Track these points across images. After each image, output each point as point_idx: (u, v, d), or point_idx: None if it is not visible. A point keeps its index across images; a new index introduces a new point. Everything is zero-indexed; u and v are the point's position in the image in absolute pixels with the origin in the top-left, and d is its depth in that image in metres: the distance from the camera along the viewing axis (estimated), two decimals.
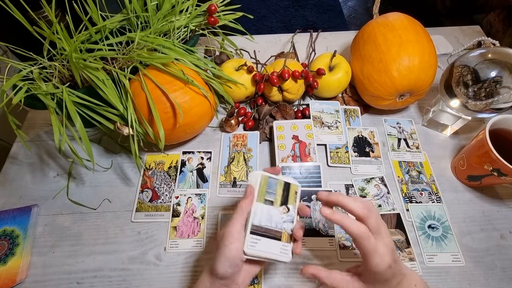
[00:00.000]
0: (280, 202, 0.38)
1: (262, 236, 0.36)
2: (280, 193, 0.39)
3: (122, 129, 0.48)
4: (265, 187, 0.38)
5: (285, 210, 0.38)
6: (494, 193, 0.53)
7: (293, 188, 0.39)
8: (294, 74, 0.57)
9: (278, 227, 0.37)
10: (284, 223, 0.37)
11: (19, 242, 0.49)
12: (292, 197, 0.39)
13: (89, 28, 0.50)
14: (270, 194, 0.38)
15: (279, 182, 0.39)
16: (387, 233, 0.34)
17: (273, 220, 0.37)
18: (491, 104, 0.49)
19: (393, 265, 0.32)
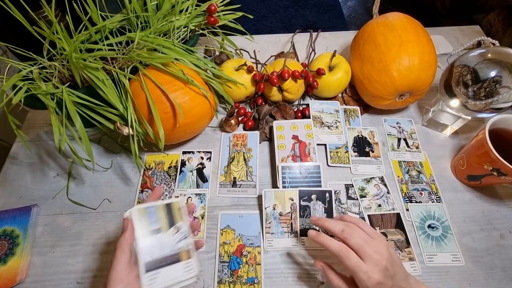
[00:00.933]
0: (167, 225, 0.37)
1: (160, 267, 0.35)
2: (164, 216, 0.38)
3: (122, 129, 0.48)
4: (145, 218, 0.37)
5: (175, 231, 0.37)
6: (494, 193, 0.53)
7: (175, 206, 0.39)
8: (294, 74, 0.57)
9: (174, 250, 0.36)
10: (180, 242, 0.37)
11: (19, 242, 0.49)
12: (177, 215, 0.38)
13: (89, 28, 0.50)
14: (153, 224, 0.37)
15: (159, 208, 0.38)
16: (377, 251, 0.35)
17: (166, 246, 0.36)
18: (491, 104, 0.49)
19: (386, 282, 0.33)
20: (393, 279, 0.34)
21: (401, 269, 0.36)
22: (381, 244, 0.36)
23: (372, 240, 0.36)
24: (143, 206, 0.37)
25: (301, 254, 0.48)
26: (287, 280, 0.46)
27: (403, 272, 0.36)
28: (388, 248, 0.36)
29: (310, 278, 0.46)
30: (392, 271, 0.34)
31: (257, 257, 0.47)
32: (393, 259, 0.35)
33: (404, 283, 0.35)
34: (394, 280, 0.34)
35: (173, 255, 0.36)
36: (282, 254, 0.48)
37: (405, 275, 0.36)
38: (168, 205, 0.38)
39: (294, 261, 0.48)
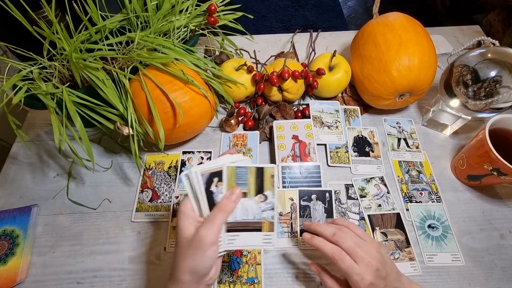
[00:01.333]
0: (255, 192, 0.35)
1: (240, 231, 0.34)
2: (253, 181, 0.35)
3: (122, 129, 0.48)
4: (234, 178, 0.34)
5: (261, 199, 0.35)
6: (494, 193, 0.53)
7: (268, 171, 0.35)
8: (294, 74, 0.57)
9: (257, 218, 0.35)
10: (264, 213, 0.35)
11: (19, 242, 0.49)
12: (268, 182, 0.35)
13: (89, 28, 0.50)
14: (241, 186, 0.34)
15: (250, 170, 0.35)
16: (369, 253, 0.35)
17: (250, 212, 0.35)
18: (491, 103, 0.49)
19: (377, 282, 0.34)
20: (385, 279, 0.35)
21: (393, 269, 0.37)
22: (372, 246, 0.37)
23: (364, 242, 0.37)
24: (234, 164, 0.34)
25: (301, 254, 0.48)
26: (287, 280, 0.46)
27: (395, 273, 0.37)
28: (379, 250, 0.37)
29: (310, 278, 0.46)
30: (383, 272, 0.35)
31: (257, 257, 0.47)
32: (384, 260, 0.36)
33: (396, 283, 0.36)
34: (387, 281, 0.35)
35: (255, 222, 0.35)
36: (282, 254, 0.48)
37: (397, 275, 0.37)
38: (259, 169, 0.35)
39: (294, 261, 0.48)
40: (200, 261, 0.31)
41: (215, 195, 0.34)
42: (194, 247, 0.31)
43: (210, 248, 0.31)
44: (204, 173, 0.34)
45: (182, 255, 0.32)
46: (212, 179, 0.34)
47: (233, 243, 0.34)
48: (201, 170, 0.34)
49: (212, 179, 0.34)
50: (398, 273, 0.37)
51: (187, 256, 0.31)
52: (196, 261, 0.31)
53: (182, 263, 0.32)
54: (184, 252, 0.32)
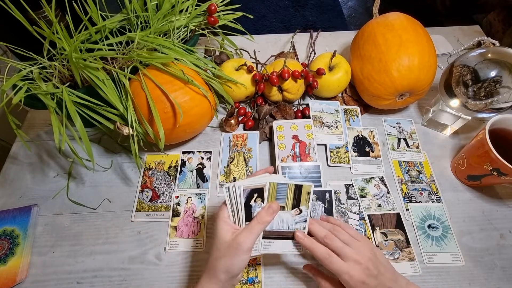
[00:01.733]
0: (292, 206, 0.39)
1: (275, 238, 0.39)
2: (291, 197, 0.39)
3: (122, 129, 0.48)
4: (275, 193, 0.38)
5: (297, 212, 0.39)
6: (494, 193, 0.53)
7: (306, 189, 0.39)
8: (294, 74, 0.57)
9: (291, 228, 0.39)
10: (297, 224, 0.39)
11: (19, 242, 0.49)
12: (304, 198, 0.39)
13: (89, 28, 0.50)
14: (280, 200, 0.38)
15: (289, 187, 0.39)
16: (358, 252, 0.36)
17: (285, 223, 0.39)
18: (491, 103, 0.49)
19: (368, 281, 0.34)
20: (378, 278, 0.35)
21: (389, 270, 0.37)
22: (364, 245, 0.37)
23: (355, 241, 0.37)
24: (277, 181, 0.38)
25: (301, 254, 0.48)
26: (287, 280, 0.46)
27: (390, 273, 0.37)
28: (372, 249, 0.37)
29: (310, 278, 0.46)
30: (375, 271, 0.35)
31: (257, 257, 0.47)
32: (377, 260, 0.36)
33: (391, 283, 0.36)
34: (379, 280, 0.35)
35: (289, 232, 0.39)
36: (282, 254, 0.48)
37: (393, 276, 0.37)
38: (298, 186, 0.39)
39: (294, 261, 0.48)
40: (236, 262, 0.35)
41: (253, 209, 0.38)
42: (232, 250, 0.35)
43: (246, 253, 0.35)
44: (246, 188, 0.38)
45: (220, 256, 0.35)
46: (253, 194, 0.38)
47: (267, 248, 0.39)
48: (244, 185, 0.37)
49: (253, 194, 0.38)
50: (394, 273, 0.37)
51: (225, 257, 0.35)
52: (232, 262, 0.35)
53: (219, 262, 0.35)
54: (222, 253, 0.35)
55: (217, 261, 0.36)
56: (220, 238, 0.36)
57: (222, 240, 0.36)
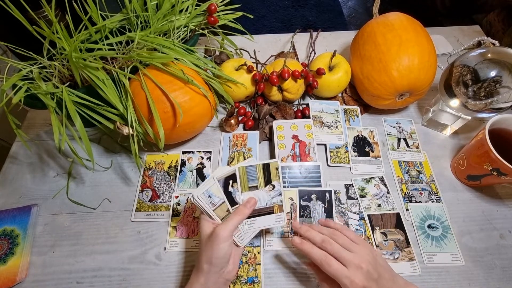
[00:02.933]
0: (264, 183, 0.42)
1: (256, 216, 0.42)
2: (261, 175, 0.42)
3: (122, 128, 0.48)
4: (245, 176, 0.42)
5: (270, 188, 0.43)
6: (494, 193, 0.53)
7: (273, 165, 0.42)
8: (294, 74, 0.57)
9: (268, 204, 0.42)
10: (273, 199, 0.43)
11: (19, 241, 0.49)
12: (274, 174, 0.42)
13: (89, 28, 0.50)
14: (252, 181, 0.42)
15: (258, 167, 0.42)
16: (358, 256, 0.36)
17: (262, 200, 0.42)
18: (491, 103, 0.49)
19: (369, 285, 0.34)
20: (377, 282, 0.35)
21: (387, 271, 0.37)
22: (364, 248, 0.37)
23: (354, 245, 0.37)
24: (243, 164, 0.42)
25: (301, 254, 0.48)
26: (286, 280, 0.46)
27: (389, 275, 0.37)
28: (371, 252, 0.37)
29: (310, 278, 0.46)
30: (375, 274, 0.35)
31: (257, 257, 0.47)
32: (377, 262, 0.36)
33: (390, 284, 0.36)
34: (379, 283, 0.35)
35: (268, 207, 0.42)
36: (282, 254, 0.48)
37: (392, 277, 0.37)
38: (265, 165, 0.42)
39: (294, 261, 0.48)
40: (215, 252, 0.37)
41: (233, 194, 0.41)
42: (211, 241, 0.37)
43: (224, 242, 0.37)
44: (220, 178, 0.41)
45: (203, 248, 0.38)
46: (228, 182, 0.41)
47: (252, 226, 0.42)
48: (217, 176, 0.41)
49: (228, 181, 0.41)
50: (393, 274, 0.37)
51: (206, 249, 0.38)
52: (212, 252, 0.37)
53: (202, 255, 0.38)
54: (204, 246, 0.38)
55: (201, 255, 0.38)
56: (202, 234, 0.39)
57: (204, 235, 0.39)
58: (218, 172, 0.41)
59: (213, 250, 0.37)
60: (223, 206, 0.41)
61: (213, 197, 0.41)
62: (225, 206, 0.41)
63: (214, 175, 0.41)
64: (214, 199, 0.41)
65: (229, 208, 0.41)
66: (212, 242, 0.37)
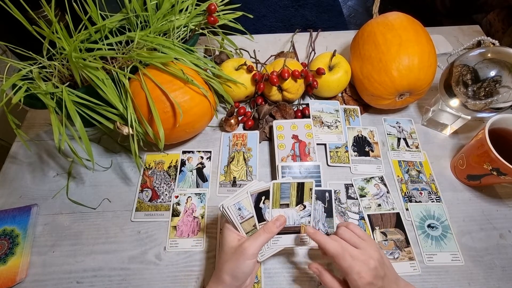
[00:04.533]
0: (296, 203, 0.41)
1: (282, 234, 0.41)
2: (294, 194, 0.41)
3: (121, 128, 0.48)
4: (279, 193, 0.41)
5: (301, 208, 0.42)
6: (494, 193, 0.53)
7: (308, 186, 0.41)
8: (293, 74, 0.57)
9: (296, 223, 0.42)
10: (302, 219, 0.42)
11: (19, 241, 0.49)
12: (307, 195, 0.42)
13: (88, 28, 0.50)
14: (284, 199, 0.41)
15: (292, 185, 0.41)
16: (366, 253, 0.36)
17: (291, 219, 0.41)
18: (491, 103, 0.49)
19: (376, 282, 0.34)
20: (383, 280, 0.35)
21: (391, 271, 0.38)
22: (371, 246, 0.37)
23: (363, 242, 0.38)
24: (279, 181, 0.41)
25: (301, 254, 0.48)
26: (286, 280, 0.46)
27: (393, 275, 0.37)
28: (378, 250, 0.37)
29: (310, 278, 0.46)
30: (382, 272, 0.35)
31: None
32: (383, 261, 0.37)
33: (393, 285, 0.36)
34: (384, 282, 0.35)
35: (295, 227, 0.42)
36: (282, 253, 0.48)
37: (395, 277, 0.37)
38: (300, 184, 0.41)
39: (294, 261, 0.48)
40: (240, 266, 0.36)
41: (263, 210, 0.41)
42: (237, 254, 0.37)
43: (250, 259, 0.36)
44: (253, 193, 0.40)
45: (226, 259, 0.37)
46: (261, 197, 0.41)
47: (276, 244, 0.42)
48: (251, 191, 0.40)
49: (261, 197, 0.41)
50: (395, 275, 0.38)
51: (230, 261, 0.37)
52: (237, 266, 0.36)
53: (225, 266, 0.37)
54: (228, 257, 0.37)
55: (223, 264, 0.37)
56: (227, 244, 0.38)
57: (229, 246, 0.38)
58: (252, 186, 0.41)
59: (239, 265, 0.36)
60: (250, 221, 0.40)
61: (242, 210, 0.40)
62: (253, 221, 0.40)
63: (248, 189, 0.40)
64: (244, 212, 0.40)
65: (256, 223, 0.41)
66: (238, 256, 0.36)
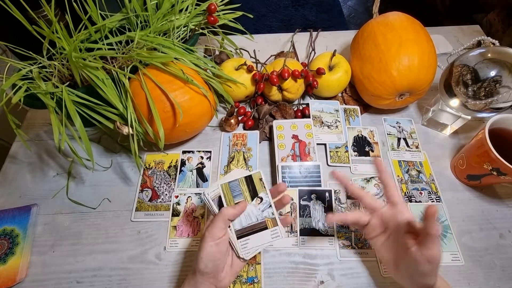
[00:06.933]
0: (250, 197, 0.40)
1: (249, 234, 0.39)
2: (246, 189, 0.40)
3: (121, 128, 0.48)
4: (229, 193, 0.40)
5: (258, 201, 0.40)
6: (494, 193, 0.53)
7: (256, 177, 0.41)
8: (293, 74, 0.57)
9: (260, 219, 0.40)
10: (264, 212, 0.40)
11: (18, 241, 0.49)
12: (259, 186, 0.40)
13: (88, 27, 0.50)
14: (237, 196, 0.40)
15: (240, 180, 0.40)
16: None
17: (252, 216, 0.40)
18: (491, 103, 0.49)
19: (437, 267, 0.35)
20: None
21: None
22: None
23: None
24: (226, 181, 0.40)
25: (301, 254, 0.48)
26: (286, 280, 0.46)
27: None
28: None
29: (310, 278, 0.46)
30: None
31: (256, 257, 0.47)
32: None
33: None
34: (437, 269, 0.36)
35: (260, 223, 0.40)
36: (282, 253, 0.48)
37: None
38: (248, 177, 0.41)
39: (294, 260, 0.48)
40: (203, 253, 0.36)
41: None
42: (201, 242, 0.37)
43: (208, 242, 0.36)
44: (214, 198, 0.40)
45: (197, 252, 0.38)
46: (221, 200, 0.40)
47: (246, 246, 0.39)
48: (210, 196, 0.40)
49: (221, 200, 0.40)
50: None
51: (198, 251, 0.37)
52: (201, 251, 0.36)
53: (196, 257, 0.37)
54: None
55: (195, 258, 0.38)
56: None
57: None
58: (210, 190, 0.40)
59: (202, 249, 0.36)
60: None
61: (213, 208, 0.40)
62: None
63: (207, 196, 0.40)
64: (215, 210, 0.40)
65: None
66: (201, 243, 0.37)
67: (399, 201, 0.39)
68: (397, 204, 0.39)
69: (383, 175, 0.41)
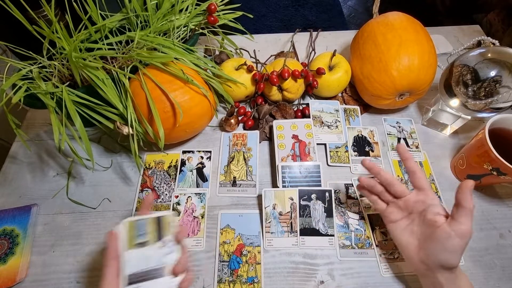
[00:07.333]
0: (155, 239, 0.37)
1: (142, 281, 0.35)
2: (152, 230, 0.37)
3: (122, 128, 0.48)
4: (134, 231, 0.37)
5: (161, 244, 0.37)
6: (494, 193, 0.53)
7: (166, 220, 0.38)
8: (294, 74, 0.57)
9: (159, 264, 0.36)
10: (166, 257, 0.37)
11: (18, 241, 0.49)
12: (166, 229, 0.38)
13: (88, 27, 0.50)
14: (141, 236, 0.37)
15: (149, 221, 0.38)
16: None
17: (151, 260, 0.36)
18: (491, 103, 0.49)
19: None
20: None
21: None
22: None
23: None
24: (134, 218, 0.37)
25: (301, 254, 0.48)
26: (286, 280, 0.46)
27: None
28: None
29: (310, 278, 0.46)
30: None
31: (257, 257, 0.47)
32: None
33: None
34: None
35: (158, 269, 0.36)
36: (282, 253, 0.48)
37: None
38: (157, 218, 0.38)
39: (294, 260, 0.48)
40: None
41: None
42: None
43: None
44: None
45: None
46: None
47: None
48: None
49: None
50: None
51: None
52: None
53: None
54: None
55: None
56: None
57: None
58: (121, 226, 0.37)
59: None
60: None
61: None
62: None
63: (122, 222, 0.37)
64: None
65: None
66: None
67: (427, 187, 0.40)
68: (425, 190, 0.40)
69: (409, 162, 0.41)
